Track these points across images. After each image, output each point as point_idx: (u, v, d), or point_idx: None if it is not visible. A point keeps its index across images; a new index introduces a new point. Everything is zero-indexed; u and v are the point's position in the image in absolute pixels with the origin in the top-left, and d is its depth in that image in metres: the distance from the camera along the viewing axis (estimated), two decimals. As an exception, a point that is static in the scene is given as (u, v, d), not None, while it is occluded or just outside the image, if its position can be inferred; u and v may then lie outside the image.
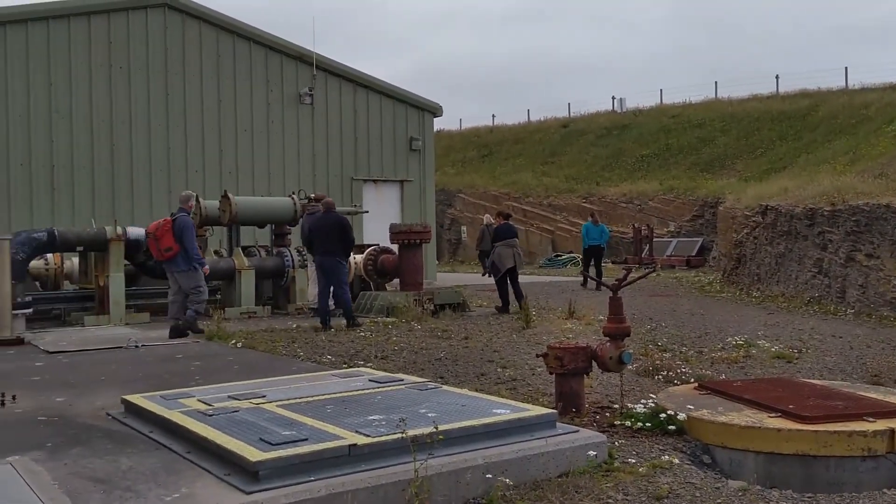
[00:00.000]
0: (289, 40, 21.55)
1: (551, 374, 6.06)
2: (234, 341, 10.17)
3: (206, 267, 11.36)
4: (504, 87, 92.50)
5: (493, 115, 48.53)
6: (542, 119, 45.03)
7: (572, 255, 30.66)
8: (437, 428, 4.31)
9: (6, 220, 16.96)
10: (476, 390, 6.38)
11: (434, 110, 24.02)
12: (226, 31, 20.54)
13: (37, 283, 14.52)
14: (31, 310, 11.63)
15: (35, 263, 13.90)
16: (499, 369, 8.01)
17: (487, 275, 15.64)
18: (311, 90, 21.49)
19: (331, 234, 11.73)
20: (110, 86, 18.87)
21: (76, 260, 14.55)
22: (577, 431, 4.99)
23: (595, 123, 41.06)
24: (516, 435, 4.72)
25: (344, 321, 11.79)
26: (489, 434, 4.65)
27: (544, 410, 5.14)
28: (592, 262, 20.35)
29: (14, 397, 6.49)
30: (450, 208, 36.92)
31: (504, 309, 13.85)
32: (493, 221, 25.54)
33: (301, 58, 21.45)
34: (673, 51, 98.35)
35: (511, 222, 15.06)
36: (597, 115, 42.62)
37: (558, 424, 5.01)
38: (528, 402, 5.73)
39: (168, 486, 4.06)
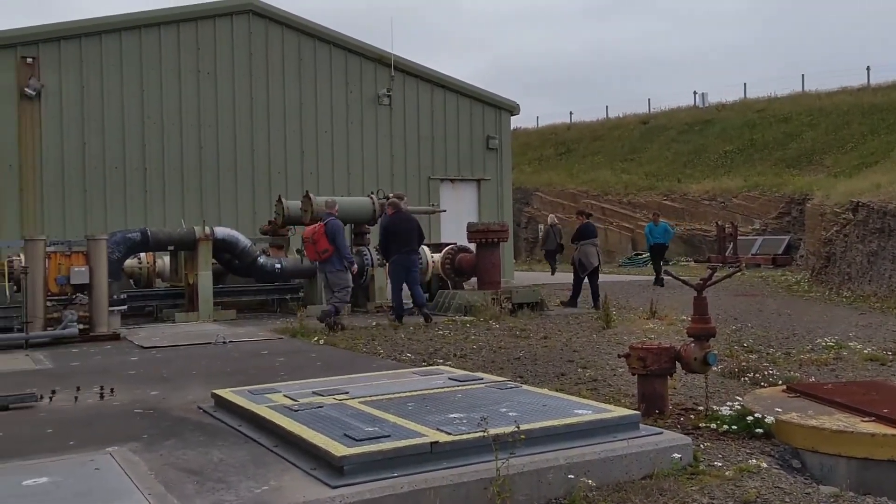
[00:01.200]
0: (367, 42, 21.87)
1: (633, 375, 5.98)
2: (316, 338, 10.39)
3: (355, 266, 12.18)
4: (581, 83, 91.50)
5: (571, 113, 48.11)
6: (620, 115, 44.37)
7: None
8: (518, 427, 4.31)
9: (102, 220, 17.75)
10: (556, 390, 6.35)
11: (511, 108, 23.97)
12: (307, 35, 20.98)
13: (131, 281, 15.15)
14: (125, 306, 12.15)
15: (129, 262, 14.51)
16: (579, 369, 7.95)
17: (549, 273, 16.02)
18: (389, 91, 21.75)
19: (410, 233, 12.06)
20: (198, 91, 19.52)
21: (167, 259, 15.14)
22: (661, 433, 4.91)
23: (676, 119, 40.20)
24: (598, 436, 4.68)
25: (420, 319, 11.96)
26: (571, 434, 4.63)
27: (627, 412, 5.08)
28: (653, 260, 20.92)
29: (112, 390, 6.81)
30: (527, 207, 36.74)
31: (573, 303, 14.22)
32: (556, 221, 25.57)
33: (379, 59, 21.72)
34: (756, 43, 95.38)
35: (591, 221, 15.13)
36: (678, 110, 41.72)
37: (641, 426, 4.94)
38: (609, 403, 5.68)
39: (257, 478, 4.19)
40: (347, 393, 5.79)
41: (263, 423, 5.13)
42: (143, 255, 14.94)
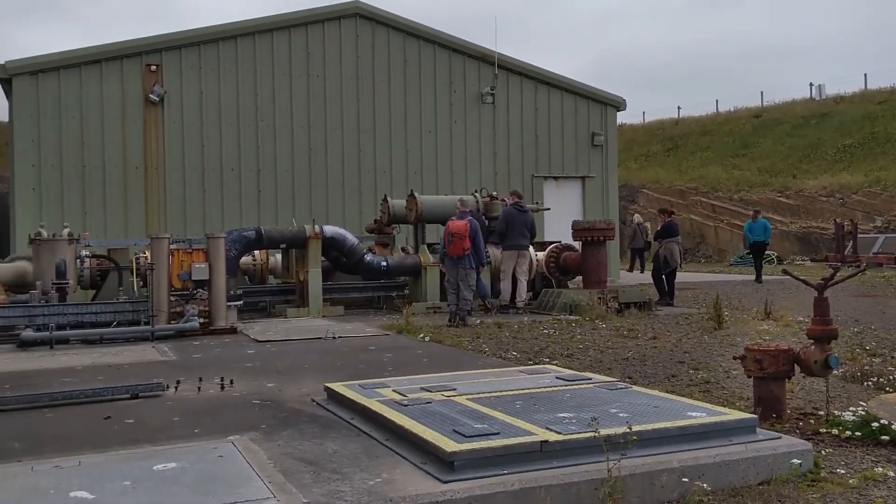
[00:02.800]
0: (471, 41, 21.98)
1: (749, 377, 5.79)
2: (421, 335, 10.54)
3: (484, 267, 13.06)
4: (689, 77, 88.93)
5: (679, 107, 46.98)
6: (731, 109, 42.92)
7: (766, 253, 28.78)
8: (630, 428, 4.26)
9: (219, 219, 18.57)
10: (667, 392, 6.22)
11: (617, 104, 23.58)
12: (412, 35, 21.28)
13: (246, 278, 15.78)
14: (241, 302, 12.65)
15: (244, 259, 15.13)
16: (690, 371, 7.75)
17: (639, 271, 16.08)
18: (492, 89, 21.79)
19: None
20: (308, 93, 20.14)
21: (279, 256, 15.69)
22: (780, 438, 4.75)
23: (791, 112, 38.54)
24: (713, 439, 4.56)
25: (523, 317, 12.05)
26: (684, 437, 4.54)
27: (743, 415, 4.93)
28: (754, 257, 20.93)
29: (232, 382, 7.13)
30: (633, 204, 36.03)
31: (668, 301, 14.30)
32: (642, 220, 24.99)
33: (483, 58, 21.79)
34: (877, 33, 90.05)
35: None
36: (793, 103, 39.99)
37: (758, 430, 4.79)
38: (723, 406, 5.52)
39: (370, 470, 4.30)
40: (455, 389, 5.86)
41: (374, 416, 5.25)
42: (256, 252, 15.54)
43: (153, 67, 18.71)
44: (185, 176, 18.92)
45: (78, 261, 13.13)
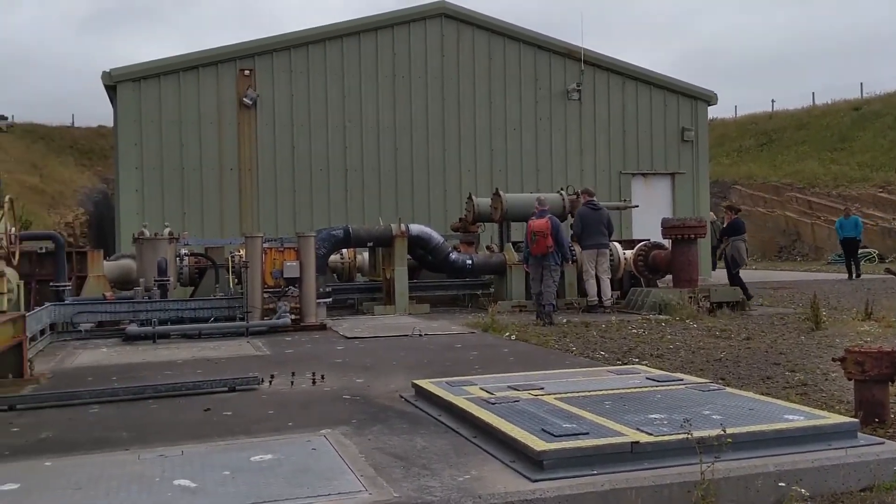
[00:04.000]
0: (556, 37, 21.81)
1: (850, 380, 5.57)
2: (507, 333, 10.54)
3: (570, 263, 13.42)
4: (783, 68, 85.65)
5: (773, 100, 45.16)
6: (829, 102, 41.09)
7: (867, 250, 27.52)
8: (724, 430, 4.16)
9: (309, 218, 19.03)
10: (762, 394, 6.04)
11: (707, 98, 22.99)
12: (497, 33, 21.28)
13: (334, 275, 16.12)
14: (330, 299, 12.94)
15: (333, 257, 15.45)
16: (787, 373, 7.50)
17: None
18: (578, 85, 21.57)
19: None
20: (393, 94, 20.41)
21: (366, 255, 15.97)
22: (883, 443, 4.55)
23: (893, 104, 36.64)
24: (811, 443, 4.42)
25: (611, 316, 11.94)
26: (781, 440, 4.41)
27: (844, 419, 4.75)
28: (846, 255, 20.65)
29: (323, 377, 7.31)
30: (724, 201, 34.91)
31: (747, 296, 13.78)
32: (715, 217, 24.21)
33: (569, 54, 21.60)
34: None
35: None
36: (895, 94, 38.00)
37: (860, 435, 4.61)
38: (822, 410, 5.33)
39: (459, 467, 4.34)
40: (543, 389, 5.85)
41: (462, 414, 5.29)
42: (345, 250, 15.85)
43: (246, 72, 19.32)
44: (276, 176, 19.46)
45: (177, 259, 13.70)
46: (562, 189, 15.87)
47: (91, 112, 52.14)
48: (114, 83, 18.63)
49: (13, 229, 7.87)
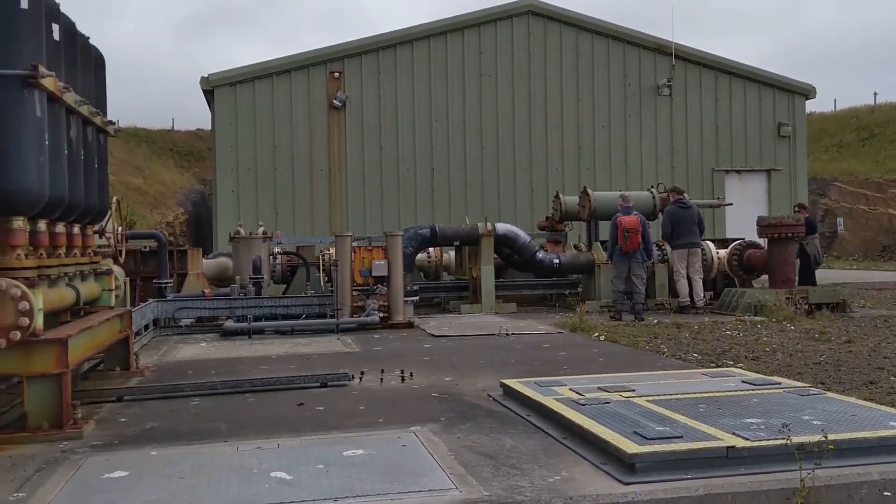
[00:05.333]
0: (646, 32, 21.42)
1: (963, 388, 5.27)
2: (596, 334, 10.42)
3: (653, 261, 13.32)
4: (887, 60, 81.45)
5: (875, 93, 43.03)
6: (938, 93, 38.86)
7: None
8: (825, 437, 4.02)
9: (396, 217, 19.29)
10: (865, 399, 5.79)
11: (805, 92, 22.13)
12: (584, 30, 21.06)
13: (421, 274, 16.27)
14: (417, 297, 13.06)
15: (420, 256, 15.60)
16: (892, 378, 7.16)
17: None
18: (669, 81, 21.12)
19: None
20: (480, 92, 20.46)
21: (452, 253, 16.06)
22: None
23: None
24: (921, 453, 4.21)
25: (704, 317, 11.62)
26: (886, 448, 4.22)
27: (956, 429, 4.50)
28: None
29: (411, 374, 7.40)
30: (823, 198, 33.62)
31: None
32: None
33: (659, 49, 21.18)
34: None
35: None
36: None
37: (975, 445, 4.36)
38: (933, 418, 5.06)
39: (549, 468, 4.33)
40: (634, 390, 5.76)
41: (551, 414, 5.27)
42: (431, 249, 15.98)
43: (336, 74, 19.73)
44: (364, 176, 19.80)
45: (271, 257, 14.10)
46: (652, 187, 15.58)
47: (189, 115, 54.26)
48: (211, 87, 19.33)
49: (120, 229, 8.28)
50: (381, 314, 11.77)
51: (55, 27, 5.84)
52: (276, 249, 14.70)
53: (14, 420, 5.48)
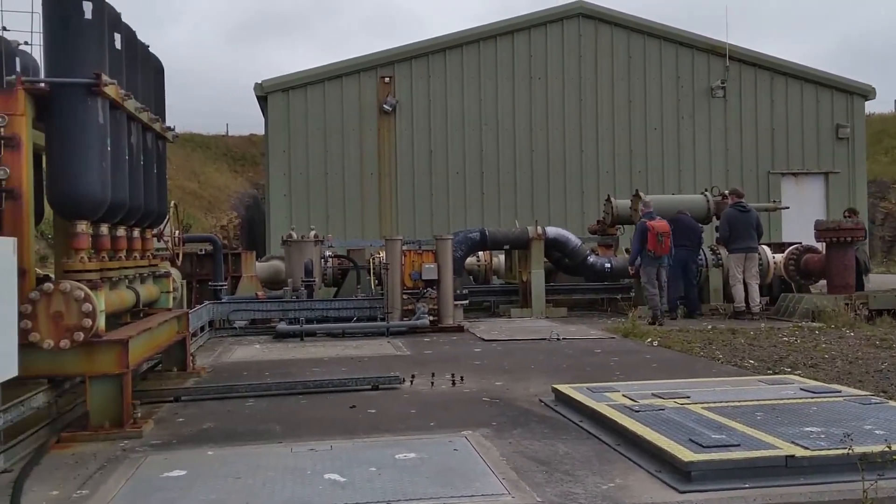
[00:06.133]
0: (699, 33, 21.12)
1: None
2: (649, 339, 10.28)
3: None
4: (954, 57, 78.66)
5: (940, 92, 41.59)
6: None
7: None
8: (889, 446, 3.90)
9: (445, 221, 19.33)
10: (932, 410, 5.59)
11: (865, 93, 21.55)
12: (636, 31, 20.84)
13: (470, 278, 16.28)
14: (467, 301, 13.08)
15: (469, 260, 15.61)
16: (959, 388, 6.91)
17: None
18: (723, 82, 20.78)
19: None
20: (530, 96, 20.39)
21: (502, 257, 16.03)
22: None
23: None
24: None
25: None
26: (955, 461, 4.07)
27: None
28: None
29: (462, 378, 7.40)
30: (883, 201, 32.63)
31: None
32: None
33: (712, 50, 20.85)
34: None
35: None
36: None
37: None
38: None
39: (602, 474, 4.29)
40: (688, 397, 5.67)
41: (604, 420, 5.22)
42: (481, 253, 15.97)
43: (386, 79, 19.87)
44: (414, 180, 19.89)
45: (322, 260, 14.27)
46: (706, 190, 15.34)
47: (242, 121, 55.27)
48: (265, 94, 19.64)
49: (177, 232, 8.47)
50: (431, 318, 11.80)
51: (117, 36, 6.00)
52: (328, 253, 14.87)
53: (77, 419, 5.64)
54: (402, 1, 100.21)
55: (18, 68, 6.60)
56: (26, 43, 6.82)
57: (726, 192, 14.80)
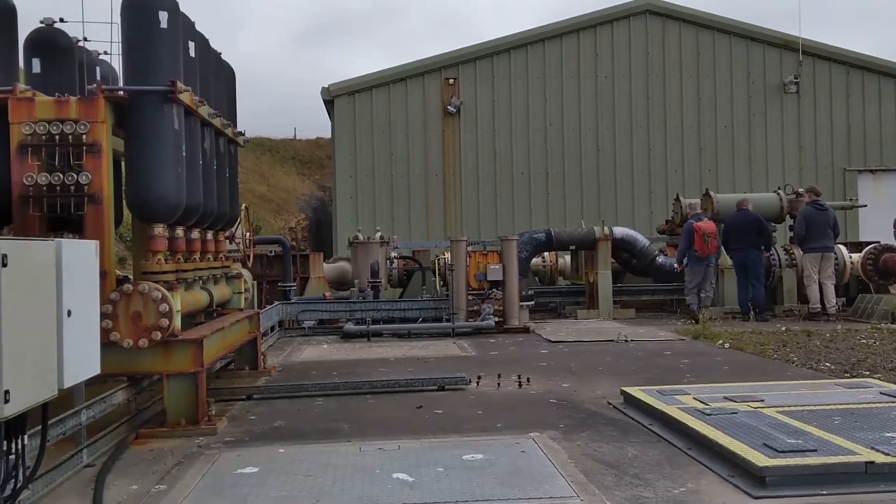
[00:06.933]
0: (771, 28, 20.56)
1: None
2: (720, 341, 10.06)
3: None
4: None
5: None
6: None
7: None
8: (978, 456, 3.74)
9: (510, 222, 19.28)
10: None
11: (948, 85, 20.62)
12: (705, 27, 20.42)
13: (536, 279, 16.19)
14: (532, 302, 13.02)
15: (534, 261, 15.53)
16: None
17: None
18: (796, 78, 20.17)
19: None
20: (596, 95, 20.17)
21: (568, 258, 15.90)
22: None
23: None
24: None
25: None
26: None
27: None
28: None
29: (528, 380, 7.38)
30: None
31: None
32: None
33: (785, 45, 20.27)
34: None
35: None
36: None
37: None
38: None
39: (673, 478, 4.22)
40: (762, 401, 5.53)
41: (675, 424, 5.14)
42: (546, 254, 15.87)
43: (451, 81, 19.93)
44: (478, 181, 19.90)
45: (388, 261, 14.40)
46: (779, 188, 14.90)
47: (309, 124, 56.17)
48: (331, 97, 19.93)
49: (248, 235, 8.69)
50: (497, 318, 11.78)
51: (191, 44, 6.19)
52: (393, 254, 14.99)
53: (154, 416, 5.83)
54: (460, 3, 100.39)
55: (98, 77, 6.87)
56: (106, 52, 7.11)
57: (801, 189, 14.36)
